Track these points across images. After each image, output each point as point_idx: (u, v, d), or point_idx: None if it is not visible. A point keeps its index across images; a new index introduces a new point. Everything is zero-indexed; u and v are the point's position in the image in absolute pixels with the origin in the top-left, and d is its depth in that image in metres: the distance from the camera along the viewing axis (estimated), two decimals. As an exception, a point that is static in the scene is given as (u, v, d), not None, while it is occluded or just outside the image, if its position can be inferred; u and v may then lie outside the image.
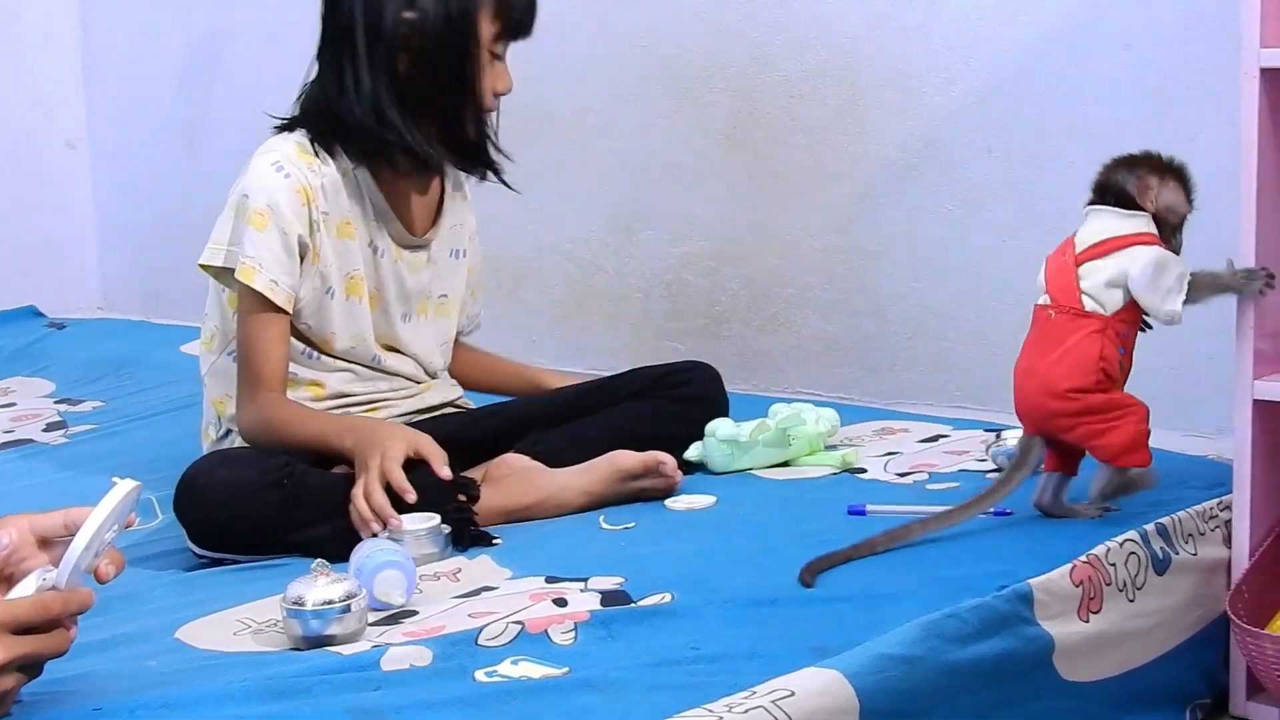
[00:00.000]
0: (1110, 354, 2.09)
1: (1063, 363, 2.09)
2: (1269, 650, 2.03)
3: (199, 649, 1.84)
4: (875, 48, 3.01)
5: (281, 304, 2.32)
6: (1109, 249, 2.10)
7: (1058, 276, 2.12)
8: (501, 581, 2.02)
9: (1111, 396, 2.09)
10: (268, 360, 2.33)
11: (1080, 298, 2.09)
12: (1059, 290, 2.11)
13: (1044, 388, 2.11)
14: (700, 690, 1.63)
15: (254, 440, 2.33)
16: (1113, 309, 2.09)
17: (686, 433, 2.48)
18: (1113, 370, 2.09)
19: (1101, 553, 2.02)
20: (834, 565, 1.99)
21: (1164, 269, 2.08)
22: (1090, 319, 2.09)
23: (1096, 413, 2.09)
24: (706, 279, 3.30)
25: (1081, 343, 2.08)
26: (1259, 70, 2.06)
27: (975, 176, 2.92)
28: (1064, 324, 2.10)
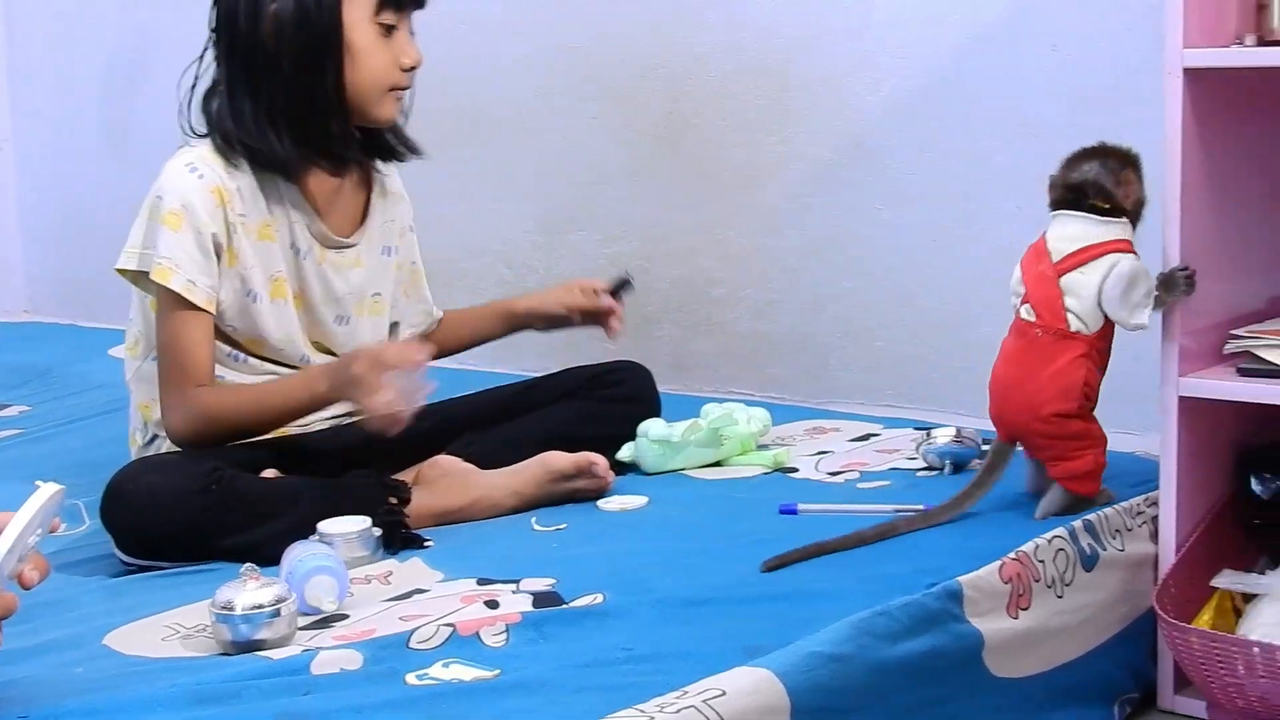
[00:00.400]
0: (1093, 379, 2.12)
1: (1051, 386, 2.11)
2: (1195, 644, 2.04)
3: (127, 655, 1.82)
4: (806, 48, 3.02)
5: (201, 304, 2.29)
6: (1087, 258, 2.11)
7: (1039, 288, 2.13)
8: (433, 584, 2.01)
9: (1087, 426, 2.13)
10: (192, 357, 2.30)
11: (1066, 315, 2.11)
12: (1043, 305, 2.12)
13: (1029, 408, 2.13)
14: (632, 691, 1.63)
15: (192, 439, 2.29)
16: (1095, 328, 2.11)
17: (618, 433, 2.48)
18: (1093, 394, 2.13)
19: (1030, 550, 2.04)
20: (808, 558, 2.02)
21: (1136, 284, 2.09)
22: (1076, 341, 2.11)
23: (1070, 439, 2.13)
24: (638, 279, 3.29)
25: (1069, 367, 2.11)
26: (1182, 70, 2.08)
27: (906, 176, 2.94)
28: (1051, 345, 2.12)
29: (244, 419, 2.30)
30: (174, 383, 2.31)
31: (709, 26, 3.13)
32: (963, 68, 2.85)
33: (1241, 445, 2.26)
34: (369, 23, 2.32)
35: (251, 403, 2.31)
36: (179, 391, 2.30)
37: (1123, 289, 2.09)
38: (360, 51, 2.32)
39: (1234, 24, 2.15)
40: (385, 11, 2.33)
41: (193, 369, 2.30)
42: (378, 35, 2.33)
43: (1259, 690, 2.01)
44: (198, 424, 2.29)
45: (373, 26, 2.32)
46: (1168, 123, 2.10)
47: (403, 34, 2.36)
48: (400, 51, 2.35)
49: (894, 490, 2.32)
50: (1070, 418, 2.12)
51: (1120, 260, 2.09)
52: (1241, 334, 2.18)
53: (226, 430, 2.29)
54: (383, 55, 2.33)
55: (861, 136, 2.98)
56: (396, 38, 2.35)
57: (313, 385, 2.30)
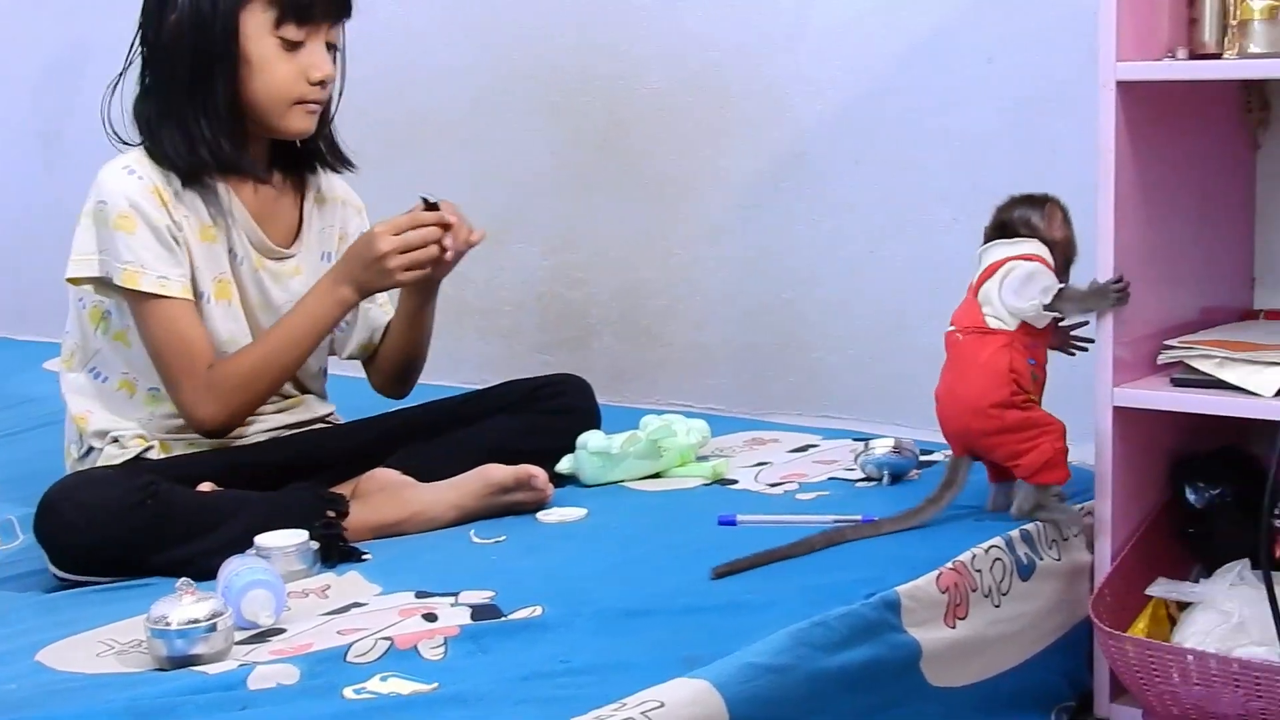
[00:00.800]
0: (1020, 366, 2.13)
1: (978, 379, 2.14)
2: (1131, 653, 2.06)
3: (61, 671, 1.80)
4: (744, 60, 3.03)
5: (179, 294, 2.29)
6: (997, 269, 2.15)
7: (961, 309, 2.18)
8: (371, 598, 2.00)
9: (1029, 415, 2.14)
10: (192, 344, 2.30)
11: (984, 318, 2.14)
12: (963, 316, 2.18)
13: (964, 407, 2.16)
14: (570, 703, 1.63)
15: (230, 419, 2.31)
16: (1014, 324, 2.13)
17: (558, 445, 2.48)
18: (1024, 382, 2.13)
19: (967, 559, 2.05)
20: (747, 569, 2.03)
21: (1032, 280, 2.12)
22: (996, 335, 2.13)
23: (1015, 431, 2.14)
24: (577, 291, 3.30)
25: (992, 357, 2.13)
26: (1115, 83, 2.10)
27: (843, 187, 2.95)
28: (972, 343, 2.15)
29: (274, 366, 2.32)
30: (184, 375, 2.30)
31: (647, 37, 3.14)
32: (899, 79, 2.86)
33: (1176, 455, 2.28)
34: (269, 35, 2.31)
35: (275, 344, 2.32)
36: (193, 380, 2.30)
37: (1018, 284, 2.12)
38: (259, 63, 2.32)
39: (1166, 37, 2.17)
40: (287, 25, 2.31)
41: (199, 353, 2.30)
42: (279, 48, 2.31)
43: (1193, 697, 2.03)
44: (232, 398, 2.30)
45: (273, 39, 2.31)
46: (1101, 134, 2.12)
47: (313, 47, 2.33)
48: (309, 65, 2.33)
49: (833, 501, 2.33)
50: (1006, 407, 2.13)
51: (1019, 264, 2.13)
52: (1175, 344, 2.20)
53: (266, 386, 2.33)
54: (285, 68, 2.32)
55: (799, 147, 2.99)
56: (305, 51, 2.33)
57: (336, 294, 2.32)
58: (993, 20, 2.74)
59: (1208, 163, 2.33)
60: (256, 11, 2.30)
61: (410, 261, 2.30)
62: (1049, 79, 2.69)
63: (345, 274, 2.33)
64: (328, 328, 2.36)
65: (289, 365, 2.35)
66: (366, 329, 2.55)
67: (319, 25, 2.33)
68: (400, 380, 2.57)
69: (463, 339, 3.46)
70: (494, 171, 3.37)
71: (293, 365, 2.36)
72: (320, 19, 2.33)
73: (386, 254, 2.28)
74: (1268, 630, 1.99)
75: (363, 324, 2.55)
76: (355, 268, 2.32)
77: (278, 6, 2.30)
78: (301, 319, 2.34)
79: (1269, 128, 2.41)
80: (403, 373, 2.55)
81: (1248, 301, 2.45)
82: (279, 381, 2.36)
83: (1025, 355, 2.14)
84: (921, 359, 2.86)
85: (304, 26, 2.32)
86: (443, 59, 3.40)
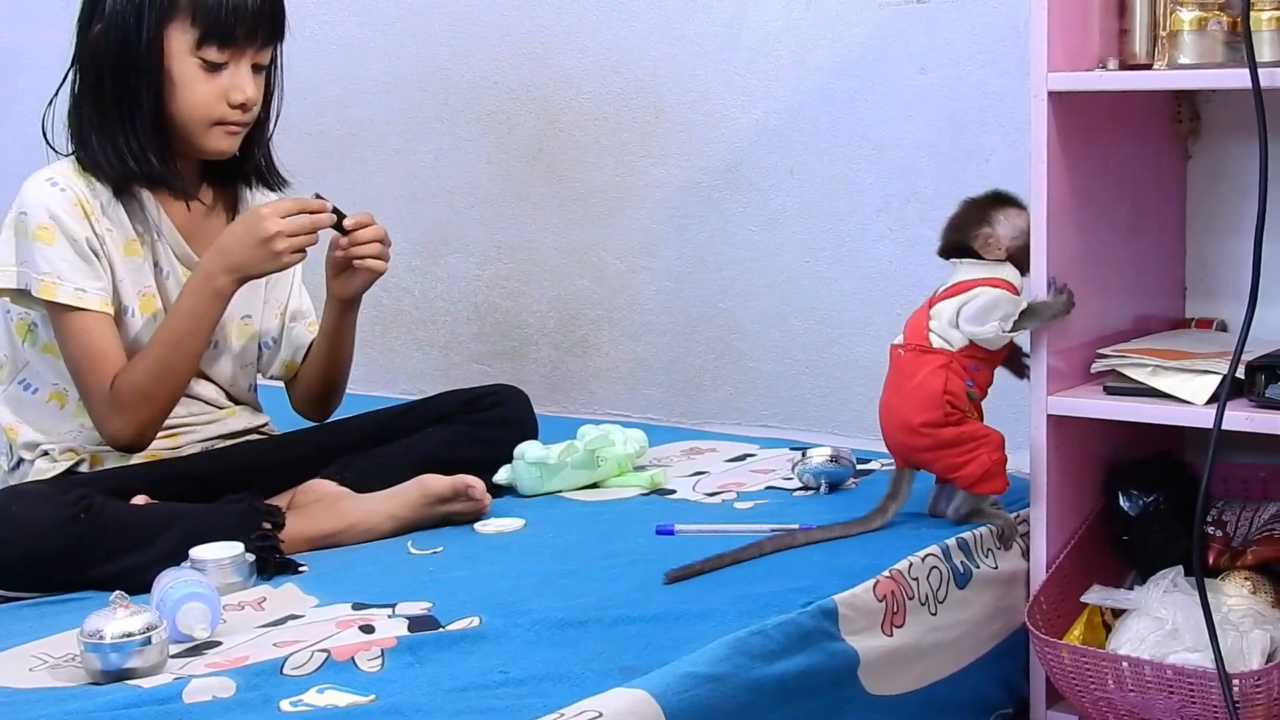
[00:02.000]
0: (956, 387, 2.14)
1: (912, 397, 2.16)
2: (1067, 659, 2.08)
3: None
4: (677, 71, 3.04)
5: (96, 307, 2.28)
6: (960, 290, 2.15)
7: (912, 321, 2.19)
8: (307, 609, 1.99)
9: (964, 429, 2.15)
10: (103, 358, 2.28)
11: (928, 335, 2.15)
12: (910, 330, 2.18)
13: (900, 424, 2.18)
14: (508, 714, 1.63)
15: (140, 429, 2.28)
16: (959, 345, 2.14)
17: (495, 456, 2.47)
18: (959, 403, 2.14)
19: (904, 567, 2.06)
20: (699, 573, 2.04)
21: (993, 309, 2.13)
22: (935, 354, 2.15)
23: (951, 446, 2.16)
24: (514, 301, 3.30)
25: (927, 378, 2.14)
26: (1047, 93, 2.12)
27: (777, 198, 2.96)
28: (911, 361, 2.17)
29: (167, 371, 2.28)
30: (94, 389, 2.28)
31: (580, 49, 3.14)
32: (832, 90, 2.87)
33: (1110, 463, 2.30)
34: (190, 55, 2.30)
35: (161, 350, 2.28)
36: (101, 394, 2.28)
37: (976, 311, 2.13)
38: (180, 83, 2.31)
39: (1097, 48, 2.19)
40: (207, 48, 2.30)
41: (108, 369, 2.28)
42: (199, 69, 2.30)
43: (1129, 704, 2.04)
44: (135, 411, 2.27)
45: (194, 59, 2.30)
46: (1034, 145, 2.14)
47: (236, 70, 2.32)
48: (230, 87, 2.32)
49: (771, 510, 2.34)
50: (939, 426, 2.15)
51: (983, 292, 2.14)
52: (1108, 353, 2.22)
53: (164, 393, 2.29)
54: (204, 89, 2.31)
55: (733, 158, 3.00)
56: (227, 73, 2.31)
57: (211, 287, 2.28)
58: (925, 32, 2.76)
59: (1139, 173, 2.35)
60: (179, 31, 2.29)
61: (298, 245, 2.26)
62: (981, 90, 2.71)
63: (220, 263, 2.28)
64: (210, 321, 2.31)
65: (181, 368, 2.31)
66: (290, 348, 2.53)
67: (242, 49, 2.32)
68: (320, 401, 2.54)
69: (399, 350, 3.45)
70: (428, 183, 3.37)
71: (185, 368, 2.32)
72: (243, 43, 2.31)
73: (275, 235, 2.24)
74: (1201, 637, 2.00)
75: (286, 343, 2.53)
76: (234, 253, 2.27)
77: (200, 28, 2.28)
78: (182, 319, 2.30)
79: (1199, 138, 2.44)
80: (323, 394, 2.53)
81: (1179, 310, 2.47)
82: (177, 386, 2.32)
83: (963, 377, 2.15)
84: (857, 369, 2.89)
85: (226, 49, 2.30)
86: (374, 71, 3.39)
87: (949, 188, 2.75)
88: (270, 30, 2.35)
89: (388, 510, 2.29)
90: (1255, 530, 2.18)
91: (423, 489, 2.31)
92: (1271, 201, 2.01)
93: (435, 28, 3.31)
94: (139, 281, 2.35)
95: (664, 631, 1.85)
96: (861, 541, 2.16)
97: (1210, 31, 2.09)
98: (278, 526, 2.19)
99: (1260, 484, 2.32)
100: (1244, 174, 2.36)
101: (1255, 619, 2.07)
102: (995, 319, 2.13)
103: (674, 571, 2.03)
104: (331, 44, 3.41)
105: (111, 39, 2.29)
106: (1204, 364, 2.12)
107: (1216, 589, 2.11)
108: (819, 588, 1.96)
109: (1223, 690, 1.96)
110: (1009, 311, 2.13)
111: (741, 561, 2.08)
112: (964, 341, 2.15)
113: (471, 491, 2.32)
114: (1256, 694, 1.96)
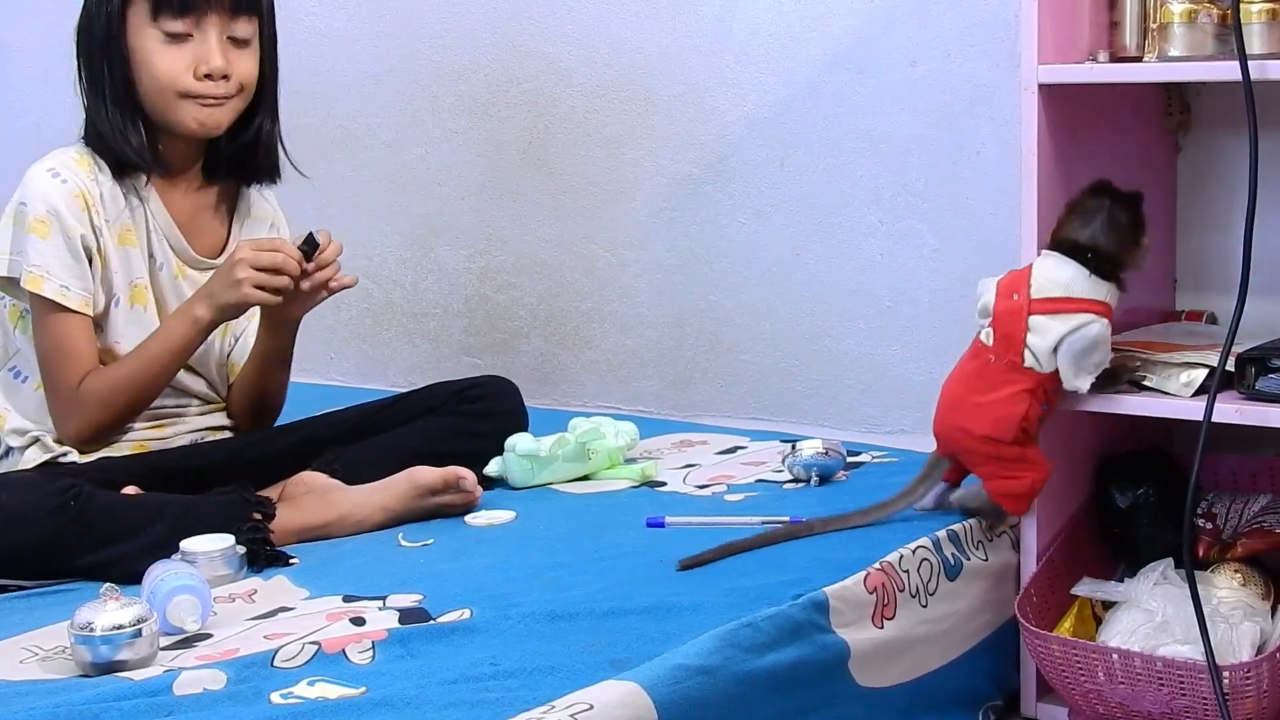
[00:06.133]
0: (1034, 414, 2.11)
1: (990, 413, 2.11)
2: (1056, 651, 2.08)
3: (-17, 679, 1.78)
4: (668, 63, 3.03)
5: (77, 307, 2.28)
6: (1064, 309, 2.09)
7: (1006, 319, 2.11)
8: (298, 602, 1.99)
9: (1025, 450, 2.13)
10: (74, 358, 2.28)
11: (1023, 351, 2.10)
12: (1004, 336, 2.11)
13: (965, 427, 2.14)
14: (499, 706, 1.63)
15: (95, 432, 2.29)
16: (1049, 369, 2.10)
17: (486, 448, 2.47)
18: (1032, 429, 2.12)
19: (895, 559, 2.06)
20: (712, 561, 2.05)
21: (1094, 350, 2.09)
22: (1025, 376, 2.10)
23: (1005, 461, 2.14)
24: (504, 294, 3.30)
25: (1010, 398, 2.10)
26: (1037, 86, 2.12)
27: (768, 190, 2.96)
28: (1000, 372, 2.11)
29: (134, 384, 2.29)
30: (59, 386, 2.29)
31: (571, 42, 3.14)
32: (823, 83, 2.87)
33: (1100, 456, 2.30)
34: (148, 27, 2.30)
35: (135, 364, 2.30)
36: (65, 393, 2.29)
37: (1080, 349, 2.08)
38: (140, 56, 2.31)
39: (1088, 41, 2.19)
40: (164, 18, 2.29)
41: (76, 370, 2.28)
42: (160, 40, 2.30)
43: (1118, 696, 2.05)
44: (93, 415, 2.28)
45: (153, 30, 2.30)
46: (1024, 138, 2.14)
47: (202, 40, 2.30)
48: (197, 57, 2.30)
49: (761, 502, 2.34)
50: (1005, 445, 2.12)
51: (1092, 323, 2.08)
52: (1098, 345, 2.22)
53: (126, 404, 2.29)
54: (167, 60, 2.30)
55: (724, 150, 3.00)
56: (194, 43, 2.31)
57: (190, 314, 2.29)
58: (916, 24, 2.76)
59: (1129, 165, 2.35)
60: (138, 4, 2.30)
61: (261, 280, 2.26)
62: (972, 83, 2.71)
63: (203, 292, 2.31)
64: (184, 347, 2.32)
65: (150, 386, 2.32)
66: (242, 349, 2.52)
67: (203, 15, 2.30)
68: (251, 417, 2.51)
69: (389, 343, 3.44)
70: (419, 175, 3.36)
71: (154, 386, 2.33)
72: (204, 9, 2.30)
73: (238, 263, 2.25)
74: (1191, 629, 2.01)
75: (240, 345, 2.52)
76: (213, 283, 2.30)
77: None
78: (160, 340, 2.32)
79: (1189, 131, 2.44)
80: (252, 410, 2.51)
81: (1170, 303, 2.48)
82: (141, 401, 2.33)
83: (1043, 400, 2.12)
84: (848, 361, 2.89)
85: (184, 18, 2.29)
86: (365, 63, 3.39)
87: (939, 181, 2.76)
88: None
89: (378, 502, 2.29)
90: (1245, 523, 2.19)
91: (413, 481, 2.31)
92: (1261, 194, 2.01)
93: (425, 20, 3.31)
94: (131, 272, 2.35)
95: (654, 624, 1.85)
96: (852, 534, 2.16)
97: (1200, 24, 2.09)
98: (268, 518, 2.19)
99: (1249, 476, 2.32)
100: (1234, 167, 2.37)
101: (1245, 611, 2.07)
102: (1090, 363, 2.09)
103: (688, 559, 2.04)
104: (320, 37, 3.40)
105: (86, 22, 2.33)
106: (1193, 356, 2.13)
107: (1206, 581, 2.11)
108: (809, 580, 1.97)
109: (1213, 682, 1.96)
110: (1102, 360, 2.09)
111: (754, 549, 2.09)
112: (1054, 367, 2.10)
113: (462, 483, 2.32)
114: (1246, 686, 1.97)
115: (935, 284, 2.78)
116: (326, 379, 3.43)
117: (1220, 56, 2.07)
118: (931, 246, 2.78)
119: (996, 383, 2.12)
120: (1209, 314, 2.42)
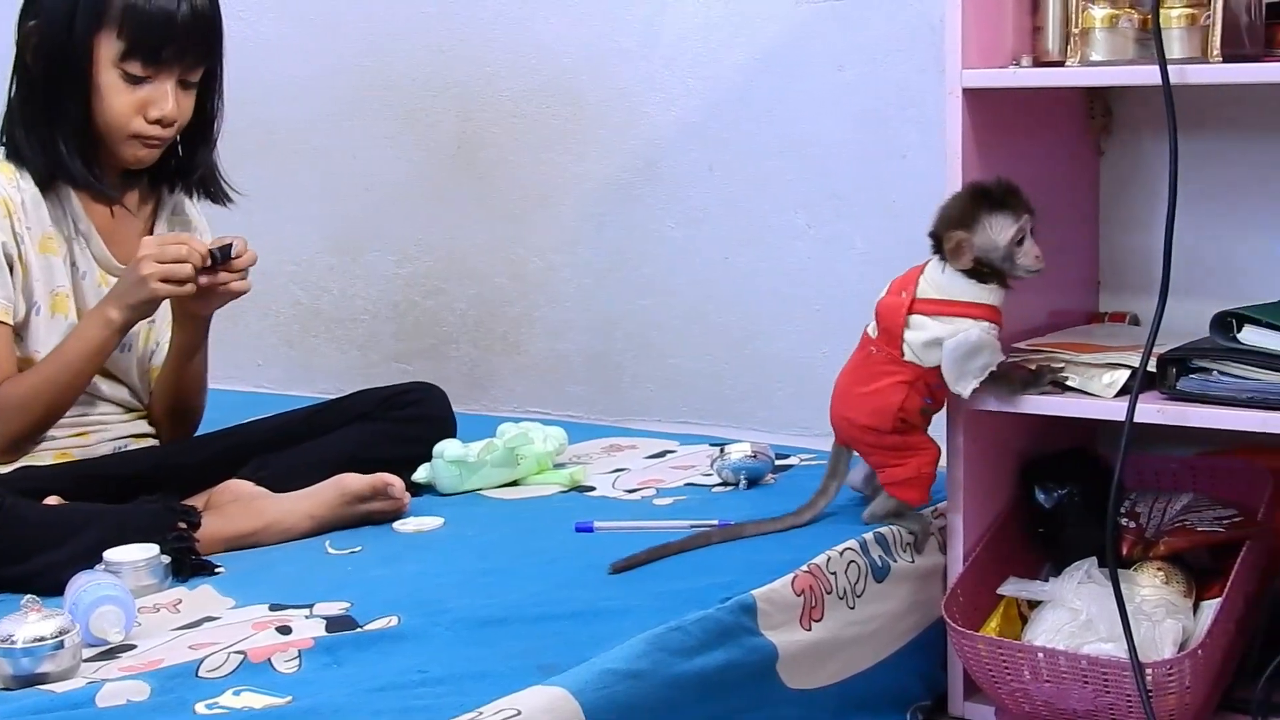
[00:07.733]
0: (912, 405, 2.14)
1: (869, 402, 2.15)
2: (983, 651, 2.09)
3: (-99, 692, 1.76)
4: (596, 68, 3.04)
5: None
6: (943, 311, 2.11)
7: (888, 314, 2.14)
8: (224, 611, 1.98)
9: (908, 438, 2.16)
10: None
11: (902, 345, 2.12)
12: (886, 329, 2.14)
13: (848, 417, 2.18)
14: (427, 714, 1.63)
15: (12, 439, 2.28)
16: (929, 365, 2.12)
17: (414, 454, 2.46)
18: (911, 418, 2.15)
19: (822, 562, 2.07)
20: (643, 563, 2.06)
21: (975, 354, 2.10)
22: (904, 369, 2.13)
23: (889, 449, 2.17)
24: (433, 299, 3.29)
25: (889, 389, 2.13)
26: (961, 90, 2.13)
27: (697, 195, 2.96)
28: (880, 364, 2.15)
29: (51, 389, 2.28)
30: None
31: (498, 46, 3.13)
32: (750, 87, 2.88)
33: (1025, 456, 2.32)
34: (113, 66, 2.29)
35: (51, 368, 2.28)
36: None
37: (961, 354, 2.10)
38: (103, 91, 2.31)
39: (1011, 45, 2.21)
40: (131, 62, 2.29)
41: None
42: (121, 79, 2.30)
43: (1044, 695, 2.06)
44: (9, 422, 2.27)
45: (117, 70, 2.29)
46: (949, 142, 2.15)
47: (158, 85, 2.31)
48: (149, 102, 2.31)
49: (690, 506, 2.34)
50: (884, 434, 2.15)
51: (972, 328, 2.10)
52: (1022, 347, 2.24)
53: (43, 410, 2.28)
54: (123, 100, 2.30)
55: (652, 155, 3.00)
56: (149, 87, 2.31)
57: (103, 315, 2.28)
58: (842, 30, 2.77)
59: (1053, 169, 2.37)
60: (108, 40, 2.29)
61: (166, 273, 2.25)
62: (898, 87, 2.73)
63: (113, 293, 2.30)
64: (99, 349, 2.30)
65: (66, 391, 2.31)
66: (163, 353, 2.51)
67: (168, 67, 2.31)
68: (170, 417, 2.50)
69: (317, 349, 3.43)
70: (347, 181, 3.35)
71: (71, 390, 2.31)
72: (169, 63, 2.30)
73: (143, 259, 2.25)
74: (1115, 627, 2.02)
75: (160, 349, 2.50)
76: (121, 283, 2.30)
77: (126, 41, 2.28)
78: (75, 343, 2.31)
79: (1112, 134, 2.46)
80: (170, 410, 2.50)
81: (1093, 305, 2.50)
82: (58, 407, 2.31)
83: (924, 394, 2.14)
84: (777, 365, 2.90)
85: (149, 67, 2.30)
86: (291, 68, 3.37)
87: (867, 185, 2.77)
88: (201, 52, 2.34)
89: (305, 510, 2.28)
90: (1168, 521, 2.20)
91: (341, 488, 2.30)
92: (1182, 196, 2.03)
93: (352, 25, 3.29)
94: (51, 280, 2.33)
95: (583, 629, 1.85)
96: (779, 536, 2.17)
97: (1121, 29, 2.11)
98: (193, 527, 2.17)
99: (1172, 475, 2.34)
100: (1155, 169, 2.39)
101: (1168, 609, 2.09)
102: (975, 368, 2.10)
103: (619, 562, 2.04)
104: (249, 42, 3.38)
105: (44, 38, 2.30)
106: (1115, 357, 2.14)
107: (1130, 580, 2.13)
108: (738, 583, 1.97)
109: (1136, 679, 1.98)
110: (988, 363, 2.11)
111: (687, 550, 2.10)
112: (935, 363, 2.12)
113: (390, 490, 2.31)
114: (1169, 683, 1.99)
115: (863, 287, 2.77)
116: (254, 385, 3.41)
117: (1141, 61, 2.09)
118: (859, 250, 2.79)
119: (877, 374, 2.15)
120: (1132, 315, 2.44)
